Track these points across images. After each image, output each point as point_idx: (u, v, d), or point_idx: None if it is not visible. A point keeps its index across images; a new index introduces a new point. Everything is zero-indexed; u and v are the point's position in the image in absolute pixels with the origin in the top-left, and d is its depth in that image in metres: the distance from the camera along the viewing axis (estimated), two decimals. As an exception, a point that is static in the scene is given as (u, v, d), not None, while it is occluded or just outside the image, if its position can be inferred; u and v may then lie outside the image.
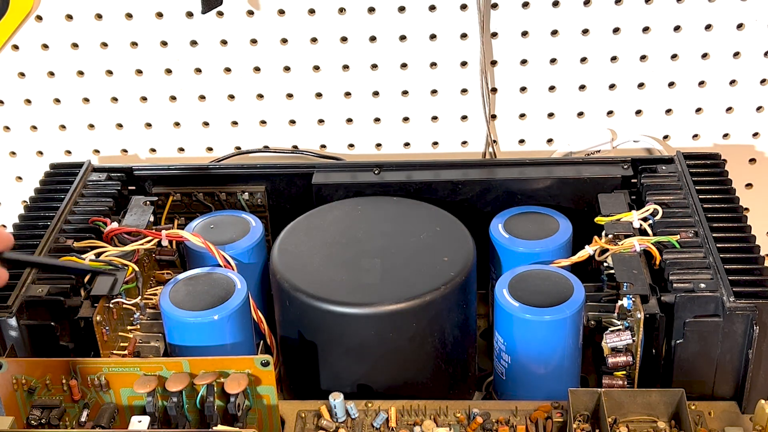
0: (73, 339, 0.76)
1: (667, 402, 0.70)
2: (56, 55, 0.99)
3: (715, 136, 1.01)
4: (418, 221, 0.84)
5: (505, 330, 0.76)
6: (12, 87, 1.01)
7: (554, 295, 0.75)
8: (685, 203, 0.84)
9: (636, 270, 0.76)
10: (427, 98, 1.00)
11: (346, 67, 0.98)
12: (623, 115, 1.00)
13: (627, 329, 0.74)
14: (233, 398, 0.69)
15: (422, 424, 0.71)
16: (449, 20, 0.95)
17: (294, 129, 1.02)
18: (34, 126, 1.04)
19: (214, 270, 0.80)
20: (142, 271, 0.82)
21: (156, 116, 1.02)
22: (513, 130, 1.01)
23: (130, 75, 1.00)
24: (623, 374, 0.74)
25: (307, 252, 0.81)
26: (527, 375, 0.76)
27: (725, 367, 0.74)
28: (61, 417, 0.72)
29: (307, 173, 0.92)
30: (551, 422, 0.71)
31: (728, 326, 0.72)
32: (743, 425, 0.71)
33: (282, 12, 0.95)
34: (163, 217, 0.93)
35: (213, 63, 0.98)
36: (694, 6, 0.93)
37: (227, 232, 0.86)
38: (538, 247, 0.83)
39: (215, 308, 0.75)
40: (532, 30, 0.95)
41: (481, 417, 0.71)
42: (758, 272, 0.74)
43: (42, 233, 0.83)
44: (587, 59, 0.97)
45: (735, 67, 0.96)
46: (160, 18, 0.96)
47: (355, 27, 0.96)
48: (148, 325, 0.80)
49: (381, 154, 1.03)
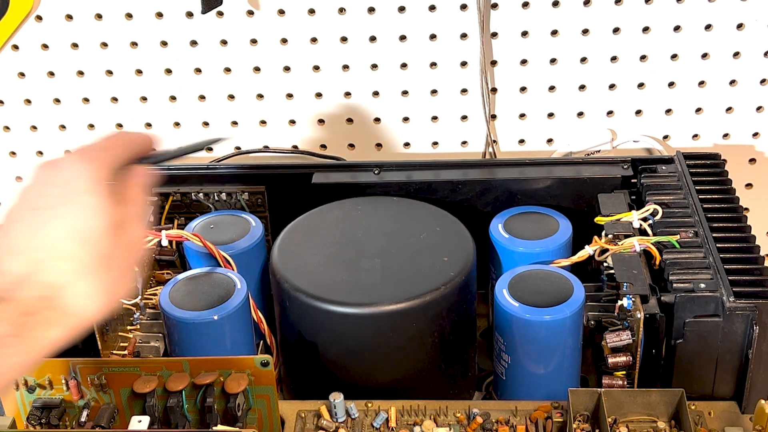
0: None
1: (667, 402, 0.70)
2: (56, 55, 0.99)
3: (715, 136, 1.01)
4: (418, 221, 0.84)
5: (505, 330, 0.76)
6: (12, 87, 1.01)
7: (554, 295, 0.75)
8: (685, 203, 0.83)
9: (636, 270, 0.76)
10: (427, 98, 1.00)
11: (346, 67, 0.98)
12: (623, 115, 1.00)
13: (627, 329, 0.74)
14: (233, 398, 0.69)
15: (422, 424, 0.71)
16: (449, 20, 0.95)
17: (294, 129, 1.02)
18: (34, 126, 1.04)
19: (214, 270, 0.80)
20: (142, 271, 0.82)
21: (156, 116, 1.02)
22: (513, 130, 1.01)
23: (130, 75, 1.00)
24: (623, 374, 0.74)
25: (307, 252, 0.81)
26: (527, 375, 0.76)
27: (725, 367, 0.74)
28: (61, 417, 0.72)
29: (307, 173, 0.92)
30: (551, 422, 0.71)
31: (728, 326, 0.72)
32: (743, 425, 0.71)
33: (282, 12, 0.95)
34: (163, 217, 0.93)
35: (213, 63, 0.98)
36: (694, 6, 0.93)
37: (227, 232, 0.86)
38: (538, 247, 0.83)
39: (215, 308, 0.75)
40: (532, 30, 0.95)
41: (481, 417, 0.71)
42: (758, 272, 0.74)
43: (42, 233, 0.83)
44: (587, 59, 0.97)
45: (735, 67, 0.96)
46: (160, 18, 0.96)
47: (355, 27, 0.96)
48: (148, 325, 0.80)
49: (381, 154, 1.03)
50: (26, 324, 0.51)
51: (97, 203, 0.55)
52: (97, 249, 0.54)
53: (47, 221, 0.54)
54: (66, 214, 0.54)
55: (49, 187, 0.55)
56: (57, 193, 0.55)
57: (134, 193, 0.59)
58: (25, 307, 0.52)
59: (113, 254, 0.55)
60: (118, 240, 0.56)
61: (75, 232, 0.54)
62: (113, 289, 0.56)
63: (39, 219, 0.54)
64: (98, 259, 0.54)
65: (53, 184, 0.55)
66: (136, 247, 0.58)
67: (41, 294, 0.52)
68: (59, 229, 0.54)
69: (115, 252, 0.55)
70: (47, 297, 0.53)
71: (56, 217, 0.54)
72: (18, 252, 0.53)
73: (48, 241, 0.53)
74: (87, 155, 0.57)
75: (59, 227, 0.54)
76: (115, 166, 0.58)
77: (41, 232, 0.54)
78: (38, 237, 0.54)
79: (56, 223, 0.54)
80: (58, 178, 0.56)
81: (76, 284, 0.54)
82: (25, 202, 0.56)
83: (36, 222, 0.54)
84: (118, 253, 0.56)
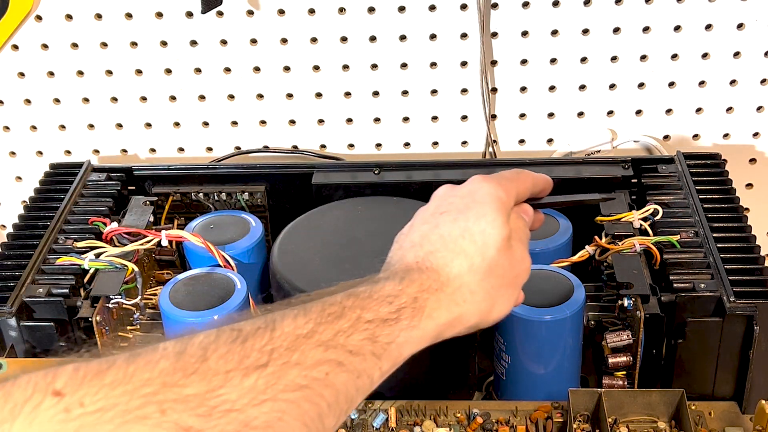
0: (72, 339, 0.76)
1: (667, 402, 0.70)
2: (56, 55, 0.99)
3: (715, 136, 1.01)
4: (418, 221, 0.83)
5: (505, 330, 0.76)
6: (12, 87, 1.01)
7: (554, 295, 0.75)
8: (686, 203, 0.83)
9: (636, 270, 0.76)
10: (427, 98, 1.00)
11: (346, 67, 0.98)
12: (623, 115, 1.00)
13: (627, 329, 0.74)
14: (233, 398, 0.69)
15: (422, 424, 0.71)
16: (449, 20, 0.95)
17: (294, 129, 1.02)
18: (34, 126, 1.04)
19: (214, 270, 0.80)
20: (142, 271, 0.82)
21: (156, 116, 1.02)
22: (513, 130, 1.01)
23: (130, 75, 1.00)
24: (623, 374, 0.74)
25: (307, 252, 0.81)
26: (527, 375, 0.76)
27: (725, 367, 0.73)
28: (60, 417, 0.72)
29: (307, 173, 0.92)
30: (551, 422, 0.71)
31: (728, 326, 0.72)
32: (743, 425, 0.71)
33: (282, 12, 0.95)
34: (163, 217, 0.93)
35: (213, 63, 0.98)
36: (694, 6, 0.93)
37: (227, 232, 0.86)
38: (538, 247, 0.82)
39: (215, 308, 0.75)
40: (532, 30, 0.95)
41: (481, 417, 0.71)
42: (758, 272, 0.74)
43: (42, 233, 0.83)
44: (587, 59, 0.97)
45: (735, 67, 0.96)
46: (160, 18, 0.96)
47: (355, 27, 0.96)
48: (148, 325, 0.80)
49: (381, 154, 1.03)
50: (421, 300, 0.55)
51: (495, 216, 0.59)
52: (489, 255, 0.58)
53: (446, 222, 0.59)
54: (465, 217, 0.59)
55: (454, 196, 0.61)
56: (460, 201, 0.60)
57: (520, 224, 0.63)
58: (420, 285, 0.55)
59: (503, 265, 0.59)
60: (508, 255, 0.59)
61: (471, 233, 0.58)
62: (498, 299, 0.59)
63: (439, 220, 0.59)
64: (489, 264, 0.58)
65: (458, 195, 0.61)
66: (524, 268, 0.62)
67: (436, 278, 0.56)
68: (456, 228, 0.58)
69: (504, 264, 0.59)
70: (441, 282, 0.56)
71: (455, 219, 0.59)
72: (416, 245, 0.58)
73: (444, 238, 0.58)
74: (494, 178, 0.62)
75: (456, 227, 0.58)
76: (516, 198, 0.63)
77: (439, 230, 0.59)
78: (435, 233, 0.58)
79: (454, 224, 0.59)
80: (463, 190, 0.61)
81: (467, 279, 0.57)
82: (432, 207, 0.61)
83: (436, 222, 0.59)
84: (507, 266, 0.59)
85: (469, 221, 0.58)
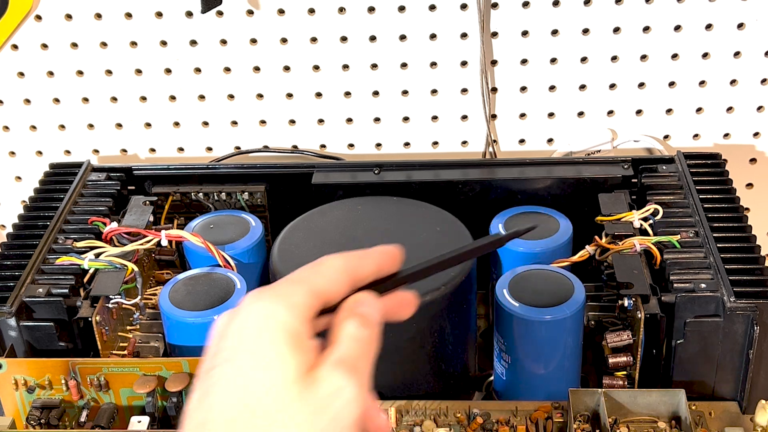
0: (72, 339, 0.76)
1: (667, 402, 0.70)
2: (56, 54, 0.98)
3: (715, 136, 1.01)
4: (418, 221, 0.84)
5: (505, 330, 0.76)
6: (11, 87, 1.01)
7: (554, 295, 0.75)
8: (686, 203, 0.83)
9: (636, 270, 0.76)
10: (427, 98, 1.00)
11: (346, 67, 0.98)
12: (623, 115, 1.00)
13: (627, 329, 0.74)
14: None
15: (422, 425, 0.71)
16: (449, 20, 0.95)
17: (294, 129, 1.02)
18: (34, 126, 1.04)
19: (213, 270, 0.80)
20: (142, 271, 0.82)
21: (156, 116, 1.02)
22: (513, 130, 1.01)
23: (129, 75, 0.99)
24: (623, 374, 0.74)
25: (307, 252, 0.80)
26: (527, 375, 0.76)
27: (725, 367, 0.73)
28: (60, 417, 0.72)
29: (307, 173, 0.92)
30: (551, 422, 0.71)
31: (729, 326, 0.72)
32: (743, 425, 0.71)
33: (282, 12, 0.95)
34: (163, 217, 0.93)
35: (213, 63, 0.98)
36: (694, 6, 0.93)
37: (227, 232, 0.86)
38: (538, 247, 0.83)
39: (215, 308, 0.75)
40: (532, 30, 0.95)
41: (481, 417, 0.71)
42: (759, 272, 0.74)
43: (41, 233, 0.83)
44: (587, 59, 0.97)
45: (736, 66, 0.96)
46: (160, 18, 0.96)
47: (355, 27, 0.96)
48: (148, 325, 0.80)
49: (381, 154, 1.03)
50: None
51: (273, 352, 0.42)
52: (271, 415, 0.41)
53: (213, 385, 0.42)
54: (231, 372, 0.42)
55: (222, 339, 0.44)
56: (228, 346, 0.43)
57: (345, 333, 0.46)
58: None
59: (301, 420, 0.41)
60: (307, 400, 0.42)
61: (242, 394, 0.42)
62: None
63: (207, 384, 0.43)
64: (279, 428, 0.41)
65: (225, 336, 0.44)
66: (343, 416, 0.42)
67: None
68: (225, 392, 0.42)
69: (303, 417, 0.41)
70: None
71: (222, 377, 0.42)
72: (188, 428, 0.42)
73: (213, 412, 0.42)
74: (268, 292, 0.45)
75: (224, 390, 0.42)
76: (320, 300, 0.46)
77: (207, 400, 0.42)
78: (204, 407, 0.42)
79: (222, 385, 0.42)
80: (231, 328, 0.44)
81: None
82: (202, 364, 0.44)
83: (204, 388, 0.43)
84: (308, 419, 0.41)
85: (238, 375, 0.42)
